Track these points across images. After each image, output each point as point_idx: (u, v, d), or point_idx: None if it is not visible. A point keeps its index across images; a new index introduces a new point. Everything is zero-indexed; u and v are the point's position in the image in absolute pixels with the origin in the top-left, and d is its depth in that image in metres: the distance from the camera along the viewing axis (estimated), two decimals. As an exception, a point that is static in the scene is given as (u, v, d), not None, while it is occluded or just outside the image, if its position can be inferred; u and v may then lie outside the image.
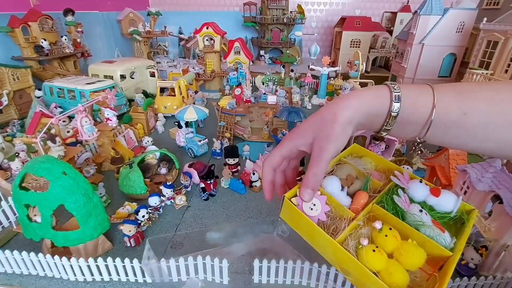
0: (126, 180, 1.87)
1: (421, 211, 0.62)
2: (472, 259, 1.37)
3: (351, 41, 5.61)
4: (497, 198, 1.36)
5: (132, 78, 3.82)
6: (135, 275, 1.34)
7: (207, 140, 2.53)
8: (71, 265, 1.31)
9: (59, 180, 1.27)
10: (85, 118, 1.98)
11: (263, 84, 4.26)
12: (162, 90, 3.41)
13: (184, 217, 1.78)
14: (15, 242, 1.58)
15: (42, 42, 3.47)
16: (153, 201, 1.75)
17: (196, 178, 2.01)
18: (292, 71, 4.42)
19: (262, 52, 6.28)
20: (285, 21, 5.81)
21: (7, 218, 1.67)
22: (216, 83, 4.38)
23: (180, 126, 2.53)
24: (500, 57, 2.86)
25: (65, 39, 3.74)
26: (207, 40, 4.11)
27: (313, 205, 0.63)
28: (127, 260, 1.29)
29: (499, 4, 3.36)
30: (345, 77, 4.28)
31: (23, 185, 1.32)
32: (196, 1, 6.59)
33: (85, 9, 4.59)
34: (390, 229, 0.59)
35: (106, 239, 1.51)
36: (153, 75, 4.03)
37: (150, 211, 1.71)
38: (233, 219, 1.77)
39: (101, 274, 1.34)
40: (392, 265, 0.54)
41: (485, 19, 3.06)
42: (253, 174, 2.00)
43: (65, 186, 1.28)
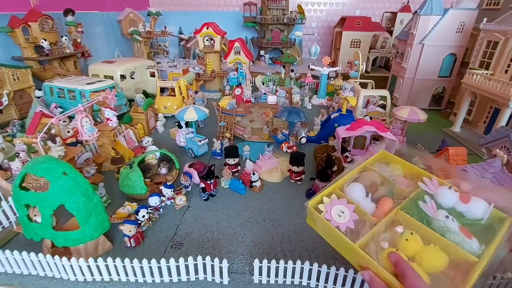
0: (126, 180, 1.87)
1: (447, 217, 0.61)
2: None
3: (351, 41, 5.61)
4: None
5: (132, 78, 3.82)
6: (135, 275, 1.34)
7: (207, 140, 2.53)
8: (71, 265, 1.31)
9: (59, 180, 1.27)
10: (85, 118, 1.98)
11: (263, 84, 4.26)
12: (162, 90, 3.41)
13: (184, 217, 1.78)
14: (15, 242, 1.58)
15: (42, 42, 3.47)
16: (153, 201, 1.75)
17: (196, 178, 2.01)
18: (292, 71, 4.41)
19: (262, 52, 6.27)
20: (285, 21, 5.81)
21: (7, 218, 1.67)
22: (216, 83, 4.38)
23: (180, 126, 2.53)
24: (500, 57, 2.85)
25: (65, 39, 3.74)
26: (207, 40, 4.11)
27: (342, 212, 0.65)
28: (127, 260, 1.29)
29: (499, 4, 3.36)
30: (345, 77, 4.28)
31: (23, 185, 1.32)
32: (196, 1, 6.59)
33: (85, 9, 4.59)
34: (412, 233, 0.60)
35: (106, 239, 1.51)
36: (153, 75, 4.03)
37: (150, 211, 1.71)
38: (233, 219, 1.77)
39: (101, 274, 1.35)
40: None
41: (485, 19, 3.06)
42: (253, 174, 2.00)
43: (65, 186, 1.28)
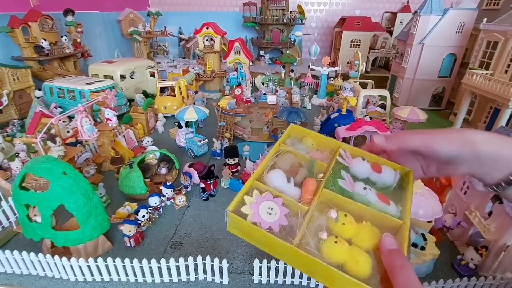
0: (126, 180, 1.87)
1: (365, 188, 0.62)
2: (472, 259, 1.37)
3: (351, 41, 5.61)
4: (497, 198, 1.36)
5: (132, 78, 3.82)
6: (135, 275, 1.34)
7: (207, 140, 2.53)
8: (71, 265, 1.31)
9: (59, 180, 1.27)
10: (85, 118, 1.98)
11: (263, 84, 4.26)
12: (162, 90, 3.41)
13: (184, 217, 1.78)
14: (15, 242, 1.58)
15: (42, 42, 3.47)
16: (153, 201, 1.75)
17: (196, 178, 2.01)
18: (292, 71, 4.42)
19: (262, 52, 6.28)
20: (285, 21, 5.81)
21: (7, 218, 1.67)
22: (216, 83, 4.38)
23: (180, 126, 2.53)
24: (500, 57, 2.85)
25: (65, 39, 3.74)
26: (207, 40, 4.11)
27: (270, 209, 0.58)
28: (127, 260, 1.29)
29: (499, 4, 3.36)
30: (345, 77, 4.28)
31: (23, 185, 1.32)
32: (196, 1, 6.59)
33: (85, 9, 4.59)
34: (346, 215, 0.58)
35: (106, 239, 1.51)
36: (153, 75, 4.03)
37: (150, 211, 1.71)
38: (233, 219, 1.76)
39: (101, 274, 1.34)
40: (355, 252, 0.53)
41: (485, 19, 3.06)
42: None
43: (65, 186, 1.28)
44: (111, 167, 2.21)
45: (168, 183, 1.90)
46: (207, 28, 4.01)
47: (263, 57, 6.19)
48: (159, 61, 4.90)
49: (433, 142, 0.57)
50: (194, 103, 3.26)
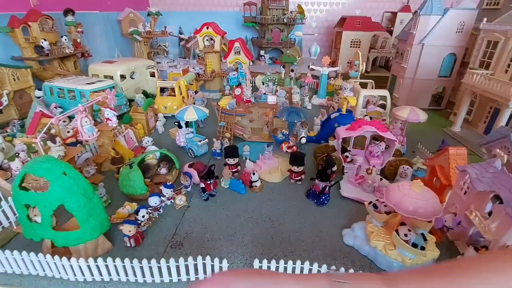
0: (126, 180, 1.87)
1: None
2: (472, 259, 1.37)
3: (351, 41, 5.60)
4: (497, 198, 1.36)
5: (132, 78, 3.82)
6: (135, 275, 1.34)
7: (207, 140, 2.53)
8: (71, 265, 1.31)
9: (59, 180, 1.27)
10: (85, 118, 1.98)
11: (263, 84, 4.26)
12: (162, 90, 3.41)
13: (184, 217, 1.78)
14: (15, 242, 1.58)
15: (42, 42, 3.47)
16: (153, 201, 1.75)
17: (196, 178, 2.01)
18: (292, 71, 4.41)
19: (262, 52, 6.27)
20: (285, 21, 5.81)
21: (7, 218, 1.67)
22: (216, 83, 4.38)
23: (180, 126, 2.53)
24: (500, 57, 2.85)
25: (65, 39, 3.74)
26: (207, 40, 4.11)
27: None
28: (127, 260, 1.29)
29: (499, 4, 3.36)
30: (345, 77, 4.28)
31: (23, 185, 1.32)
32: (196, 1, 6.58)
33: (85, 9, 4.59)
34: None
35: (106, 239, 1.51)
36: (153, 75, 4.03)
37: (150, 211, 1.71)
38: (233, 219, 1.77)
39: (101, 274, 1.34)
40: None
41: (485, 19, 3.06)
42: (253, 174, 2.00)
43: (65, 186, 1.28)
44: (111, 167, 2.21)
45: (168, 183, 1.90)
46: (207, 28, 4.01)
47: (263, 57, 6.19)
48: (159, 61, 4.90)
49: None
50: (194, 103, 3.26)
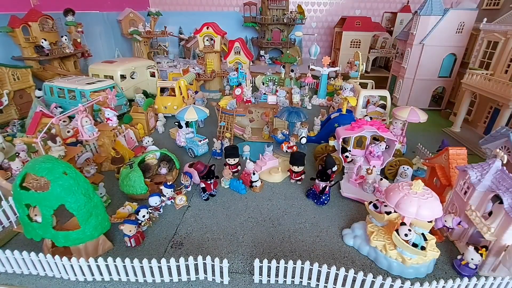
0: (127, 180, 1.87)
1: None
2: (472, 259, 1.37)
3: (351, 41, 5.60)
4: (497, 198, 1.36)
5: (132, 78, 3.82)
6: (135, 275, 1.34)
7: (207, 140, 2.53)
8: (71, 265, 1.31)
9: (59, 180, 1.27)
10: (86, 118, 1.98)
11: (263, 84, 4.26)
12: (162, 90, 3.40)
13: (184, 217, 1.78)
14: (15, 242, 1.58)
15: (42, 42, 3.47)
16: (154, 201, 1.75)
17: (196, 178, 2.01)
18: (292, 71, 4.42)
19: (262, 52, 6.27)
20: (285, 21, 5.81)
21: (8, 218, 1.67)
22: (216, 83, 4.38)
23: (180, 126, 2.53)
24: (500, 57, 2.86)
25: (65, 39, 3.74)
26: (207, 40, 4.11)
27: None
28: (127, 260, 1.29)
29: (499, 4, 3.36)
30: (345, 77, 4.28)
31: (23, 185, 1.32)
32: (196, 1, 6.59)
33: (85, 9, 4.59)
34: None
35: (106, 239, 1.51)
36: (153, 75, 4.03)
37: (151, 211, 1.71)
38: (233, 219, 1.77)
39: (101, 274, 1.35)
40: None
41: (485, 19, 3.06)
42: (253, 174, 2.00)
43: (65, 186, 1.28)
44: (112, 167, 2.21)
45: (168, 183, 1.89)
46: (207, 28, 4.01)
47: (263, 57, 6.19)
48: (159, 61, 4.90)
49: None
50: (194, 103, 3.27)
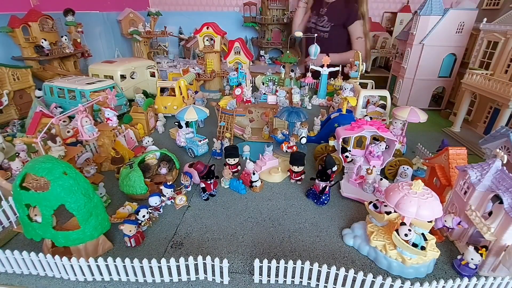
0: (127, 180, 1.87)
1: None
2: (472, 259, 1.37)
3: (351, 41, 5.60)
4: (497, 198, 1.36)
5: (132, 78, 3.82)
6: (135, 275, 1.34)
7: (207, 140, 2.53)
8: (71, 265, 1.31)
9: (59, 180, 1.27)
10: (86, 118, 1.98)
11: (263, 84, 4.26)
12: (162, 90, 3.40)
13: (184, 217, 1.78)
14: (15, 242, 1.58)
15: (42, 42, 3.47)
16: (153, 201, 1.75)
17: (196, 178, 2.01)
18: (292, 71, 4.42)
19: (262, 52, 6.27)
20: (285, 21, 5.81)
21: (8, 218, 1.67)
22: (216, 83, 4.38)
23: (180, 126, 2.53)
24: (500, 57, 2.86)
25: (65, 39, 3.74)
26: (207, 40, 4.11)
27: None
28: (127, 260, 1.29)
29: (499, 4, 3.37)
30: (345, 77, 4.28)
31: (23, 185, 1.32)
32: (196, 1, 6.58)
33: (85, 9, 4.59)
34: None
35: (106, 239, 1.51)
36: (153, 75, 4.03)
37: (151, 211, 1.72)
38: (233, 219, 1.77)
39: (101, 274, 1.35)
40: None
41: (485, 19, 3.06)
42: (253, 174, 2.00)
43: (65, 186, 1.28)
44: (112, 167, 2.21)
45: (168, 183, 1.90)
46: (207, 28, 4.01)
47: (263, 57, 6.18)
48: (159, 61, 4.90)
49: None
50: (194, 103, 3.27)
